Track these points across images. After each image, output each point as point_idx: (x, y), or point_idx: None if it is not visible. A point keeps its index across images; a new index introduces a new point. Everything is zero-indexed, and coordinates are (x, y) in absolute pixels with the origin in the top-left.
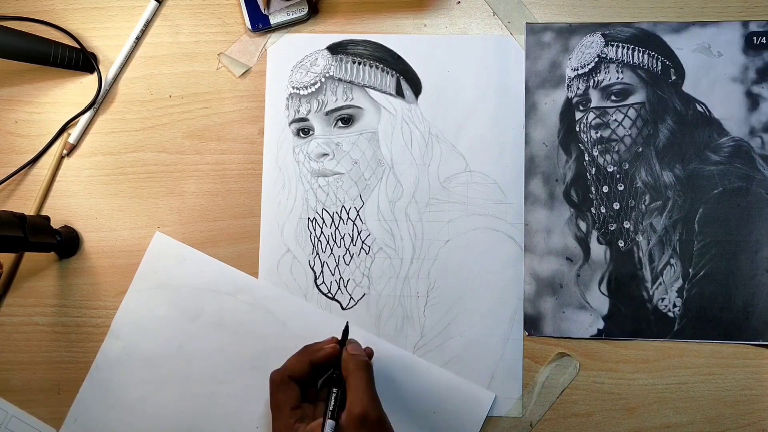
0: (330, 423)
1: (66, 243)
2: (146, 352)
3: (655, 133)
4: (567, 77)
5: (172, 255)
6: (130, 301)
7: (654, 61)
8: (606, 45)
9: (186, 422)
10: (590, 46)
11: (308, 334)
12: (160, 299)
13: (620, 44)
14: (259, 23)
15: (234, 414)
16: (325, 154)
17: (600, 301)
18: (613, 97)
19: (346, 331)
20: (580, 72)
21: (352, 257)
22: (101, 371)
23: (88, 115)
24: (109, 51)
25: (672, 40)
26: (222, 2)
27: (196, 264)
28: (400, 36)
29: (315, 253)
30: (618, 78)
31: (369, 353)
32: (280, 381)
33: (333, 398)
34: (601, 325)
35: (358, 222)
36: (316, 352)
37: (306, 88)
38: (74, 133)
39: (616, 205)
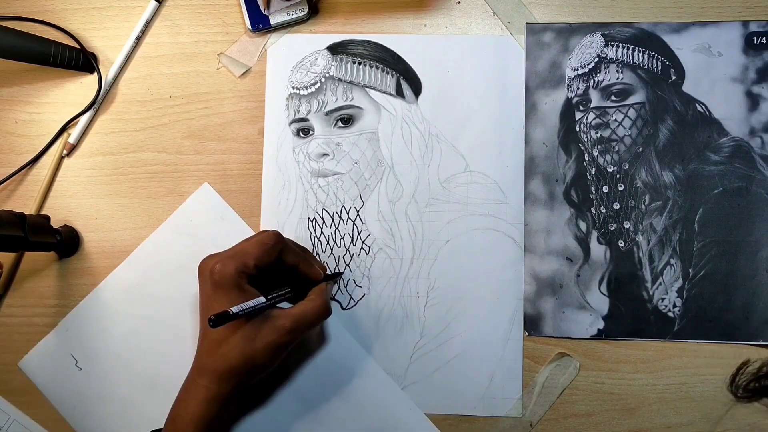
0: (260, 299)
1: (66, 243)
2: (153, 291)
3: (655, 133)
4: (567, 77)
5: (212, 210)
6: (156, 237)
7: (654, 61)
8: (606, 45)
9: (168, 369)
10: (590, 46)
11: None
12: (185, 246)
13: (620, 44)
14: (259, 23)
15: None
16: (325, 154)
17: (600, 301)
18: (613, 97)
19: (337, 275)
20: (580, 72)
21: (352, 257)
22: (105, 293)
23: (88, 115)
24: (109, 51)
25: (672, 40)
26: (222, 2)
27: (232, 226)
28: (400, 36)
29: (315, 253)
30: (618, 78)
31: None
32: (273, 243)
33: (284, 291)
34: (601, 325)
35: (358, 222)
36: (309, 263)
37: (306, 88)
38: (74, 133)
39: (616, 205)
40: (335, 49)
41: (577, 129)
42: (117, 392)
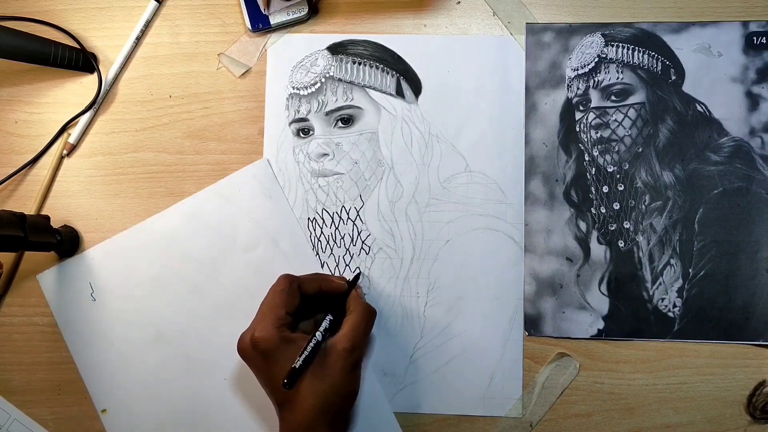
0: (314, 340)
1: (66, 243)
2: (184, 245)
3: (655, 133)
4: (567, 77)
5: (263, 185)
6: (201, 196)
7: (654, 61)
8: (606, 45)
9: (177, 325)
10: (590, 46)
11: None
12: (225, 212)
13: (620, 44)
14: (259, 23)
15: (214, 352)
16: (325, 155)
17: (600, 301)
18: (613, 97)
19: (357, 277)
20: (580, 72)
21: (352, 257)
22: (139, 234)
23: (88, 115)
24: (109, 51)
25: (672, 40)
26: (222, 2)
27: (277, 208)
28: (400, 36)
29: (315, 253)
30: (618, 78)
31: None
32: (289, 283)
33: (327, 321)
34: (601, 325)
35: (358, 222)
36: (329, 281)
37: (306, 88)
38: (74, 133)
39: (616, 205)
40: (335, 49)
41: (577, 129)
42: (122, 332)
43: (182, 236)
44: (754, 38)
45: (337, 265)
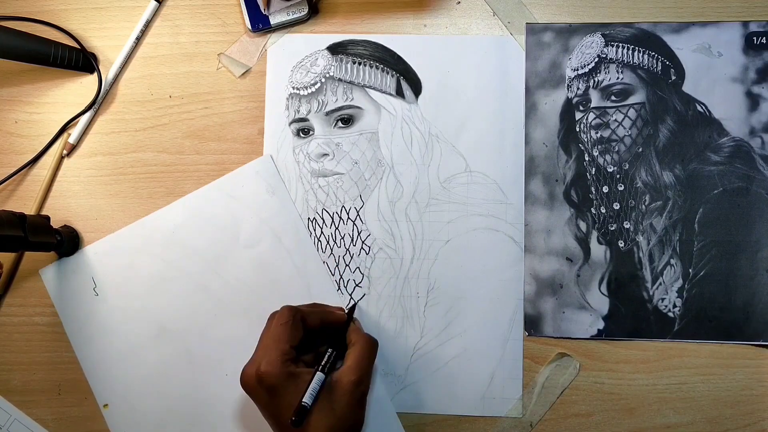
0: (320, 375)
1: (66, 243)
2: (187, 240)
3: (655, 133)
4: (567, 77)
5: (266, 182)
6: (204, 193)
7: (654, 61)
8: (606, 45)
9: (180, 321)
10: (590, 46)
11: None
12: (228, 208)
13: (620, 44)
14: (259, 23)
15: (216, 349)
16: (325, 155)
17: (600, 302)
18: (613, 98)
19: (353, 308)
20: (580, 72)
21: (352, 257)
22: (142, 229)
23: (88, 115)
24: (109, 51)
25: (672, 40)
26: (222, 2)
27: (280, 205)
28: (400, 36)
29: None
30: (618, 78)
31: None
32: (292, 316)
33: (328, 355)
34: (601, 325)
35: (358, 222)
36: (330, 313)
37: (306, 88)
38: (74, 133)
39: (616, 206)
40: (335, 49)
41: (577, 129)
42: (125, 328)
43: (185, 232)
44: (754, 38)
45: (337, 265)
